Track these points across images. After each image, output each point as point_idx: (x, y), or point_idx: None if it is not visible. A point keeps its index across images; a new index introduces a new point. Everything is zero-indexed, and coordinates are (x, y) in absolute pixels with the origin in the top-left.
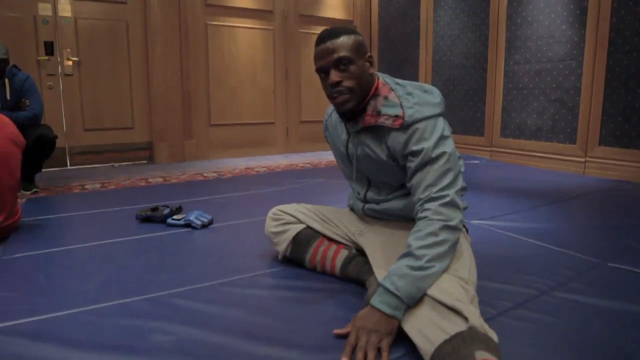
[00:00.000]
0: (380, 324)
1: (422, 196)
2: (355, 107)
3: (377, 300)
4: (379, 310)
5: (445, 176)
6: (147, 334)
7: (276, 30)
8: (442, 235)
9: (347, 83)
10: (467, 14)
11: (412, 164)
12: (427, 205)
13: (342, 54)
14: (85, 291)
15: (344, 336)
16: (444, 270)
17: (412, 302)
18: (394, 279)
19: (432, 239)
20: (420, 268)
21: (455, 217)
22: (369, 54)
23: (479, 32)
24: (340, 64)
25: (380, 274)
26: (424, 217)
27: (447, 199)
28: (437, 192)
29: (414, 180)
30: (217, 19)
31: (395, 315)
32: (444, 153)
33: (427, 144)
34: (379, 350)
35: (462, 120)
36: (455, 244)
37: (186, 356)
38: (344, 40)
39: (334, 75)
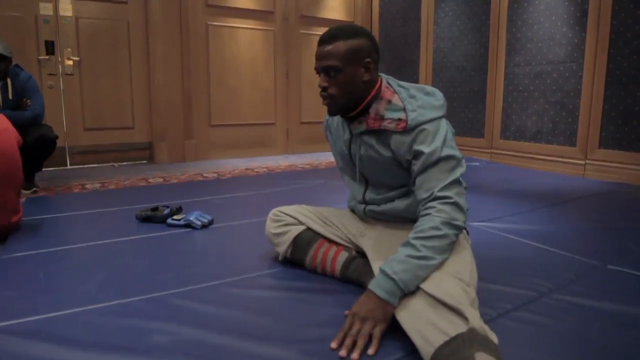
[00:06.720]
0: (375, 311)
1: (424, 196)
2: (339, 112)
3: (374, 284)
4: (375, 295)
5: (448, 177)
6: (147, 334)
7: (277, 31)
8: (444, 230)
9: (332, 90)
10: (468, 15)
11: (415, 166)
12: (430, 204)
13: (330, 62)
14: (85, 291)
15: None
16: (441, 264)
17: (407, 289)
18: (393, 264)
19: (433, 232)
20: (420, 257)
21: (459, 218)
22: (367, 59)
23: (479, 34)
24: (330, 70)
25: None
26: (427, 215)
27: (452, 200)
28: (440, 190)
29: (417, 182)
30: (218, 20)
31: (389, 301)
32: (447, 156)
33: (431, 147)
34: (370, 338)
35: (462, 122)
36: (454, 242)
37: (186, 356)
38: (338, 46)
39: (322, 80)
